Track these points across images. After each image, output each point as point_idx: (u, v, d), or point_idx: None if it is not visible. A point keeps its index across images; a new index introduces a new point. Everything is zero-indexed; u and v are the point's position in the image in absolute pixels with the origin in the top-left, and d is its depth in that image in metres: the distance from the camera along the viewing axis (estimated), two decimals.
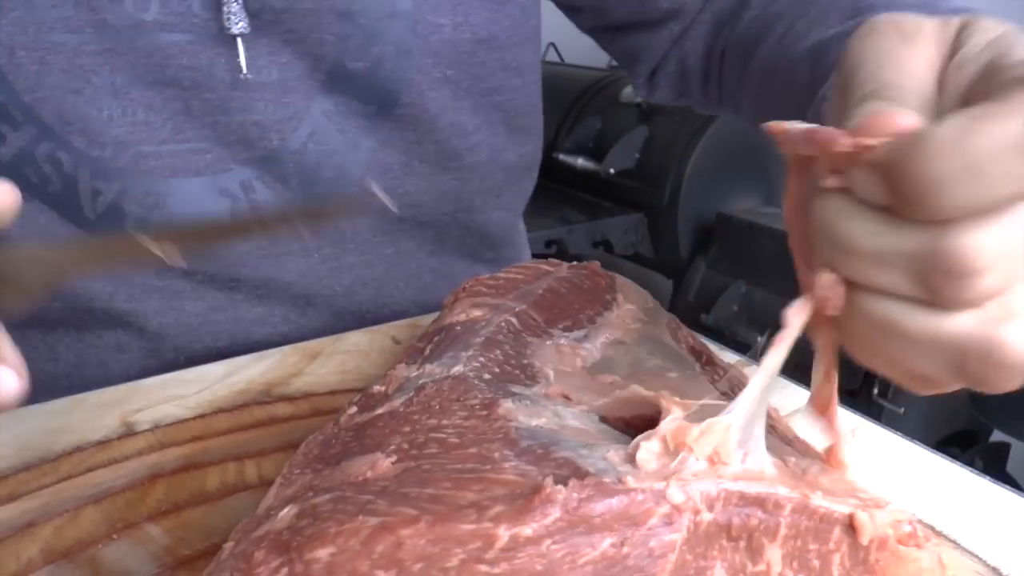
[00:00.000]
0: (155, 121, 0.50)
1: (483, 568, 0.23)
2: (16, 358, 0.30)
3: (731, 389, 0.39)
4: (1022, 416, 1.25)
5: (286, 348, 0.52)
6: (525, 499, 0.24)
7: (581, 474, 0.25)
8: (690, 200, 1.75)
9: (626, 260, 2.01)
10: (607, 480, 0.25)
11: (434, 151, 0.57)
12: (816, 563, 0.28)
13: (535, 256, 1.98)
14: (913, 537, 0.29)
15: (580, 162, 1.88)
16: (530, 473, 0.26)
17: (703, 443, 0.27)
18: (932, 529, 0.36)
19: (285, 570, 0.24)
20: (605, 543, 0.24)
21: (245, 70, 0.50)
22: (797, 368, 0.53)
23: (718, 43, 0.61)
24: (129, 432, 0.43)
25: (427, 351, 0.39)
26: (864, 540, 0.28)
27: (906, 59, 0.27)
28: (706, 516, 0.26)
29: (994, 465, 1.58)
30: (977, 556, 0.34)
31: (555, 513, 0.24)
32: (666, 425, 0.27)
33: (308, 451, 0.33)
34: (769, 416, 0.38)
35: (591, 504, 0.24)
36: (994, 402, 1.29)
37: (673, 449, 0.27)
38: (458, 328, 0.39)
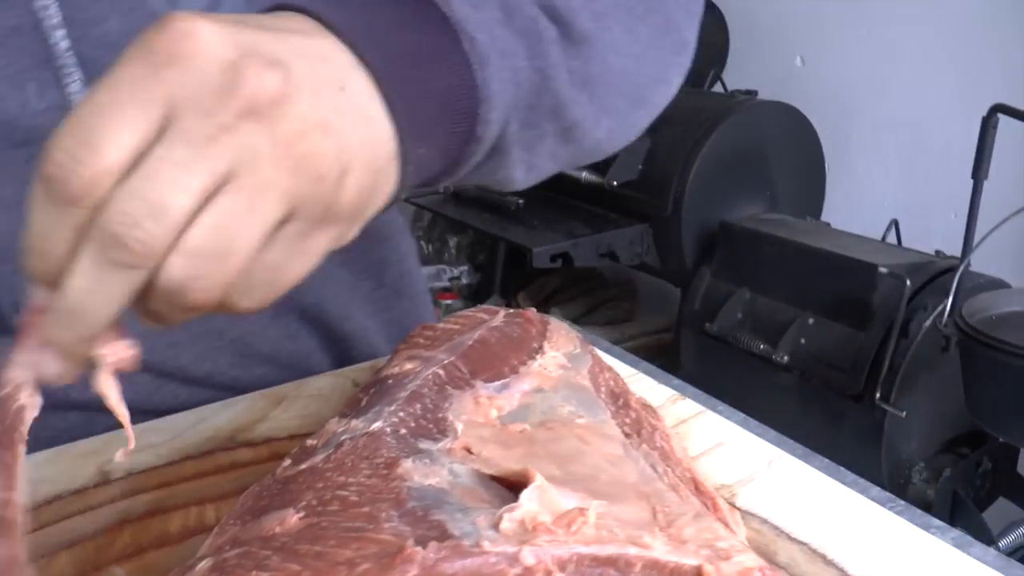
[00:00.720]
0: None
1: None
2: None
3: (636, 431, 0.42)
4: (1017, 420, 1.26)
5: (254, 394, 0.56)
6: (389, 558, 0.28)
7: (445, 536, 0.29)
8: (693, 209, 1.77)
9: (634, 270, 2.04)
10: (466, 543, 0.28)
11: None
12: None
13: (540, 272, 1.99)
14: None
15: (584, 175, 1.91)
16: (404, 533, 0.30)
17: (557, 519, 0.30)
18: (823, 558, 0.39)
19: None
20: None
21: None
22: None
23: None
24: (104, 480, 0.47)
25: (363, 402, 0.42)
26: None
27: None
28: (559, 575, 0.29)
29: (1004, 466, 1.59)
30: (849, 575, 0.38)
31: (413, 571, 0.27)
32: (525, 497, 0.31)
33: (244, 502, 0.37)
34: (669, 457, 0.41)
35: (446, 563, 0.28)
36: (989, 407, 1.30)
37: (530, 521, 0.30)
38: (390, 381, 0.43)
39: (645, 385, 0.57)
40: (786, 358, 1.57)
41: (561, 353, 0.46)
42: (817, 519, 0.42)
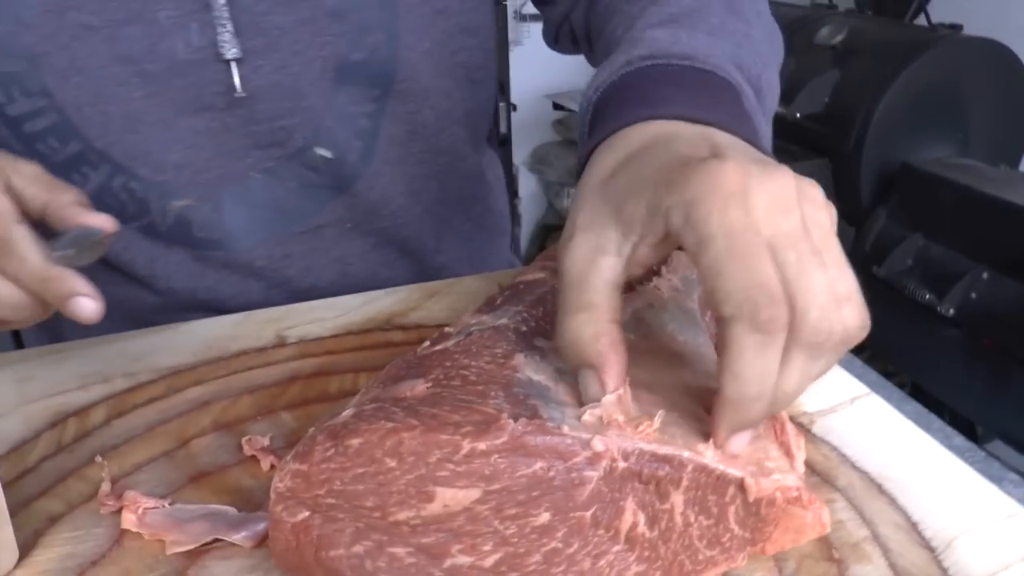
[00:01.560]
0: (201, 142, 0.62)
1: (450, 465, 0.35)
2: (89, 287, 0.44)
3: None
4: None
5: (413, 286, 0.65)
6: (486, 425, 0.35)
7: (535, 416, 0.36)
8: (876, 147, 1.72)
9: None
10: (549, 424, 0.35)
11: (431, 116, 0.68)
12: (715, 509, 0.37)
13: None
14: (799, 501, 0.37)
15: None
16: (503, 409, 0.37)
17: (628, 420, 0.37)
18: (879, 487, 0.43)
19: (332, 450, 0.36)
20: (536, 465, 0.35)
21: (239, 89, 0.60)
22: None
23: (590, 20, 0.67)
24: (281, 343, 0.58)
25: (497, 301, 0.49)
26: (750, 499, 0.36)
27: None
28: (621, 464, 0.35)
29: None
30: (899, 506, 0.41)
31: (503, 438, 0.35)
32: (606, 398, 0.37)
33: (388, 371, 0.45)
34: None
35: (530, 436, 0.35)
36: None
37: (606, 417, 0.37)
38: (521, 286, 0.49)
39: None
40: (952, 311, 1.53)
41: (677, 277, 0.51)
42: (884, 454, 0.45)
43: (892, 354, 1.85)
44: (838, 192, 1.84)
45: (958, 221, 1.57)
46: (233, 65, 0.60)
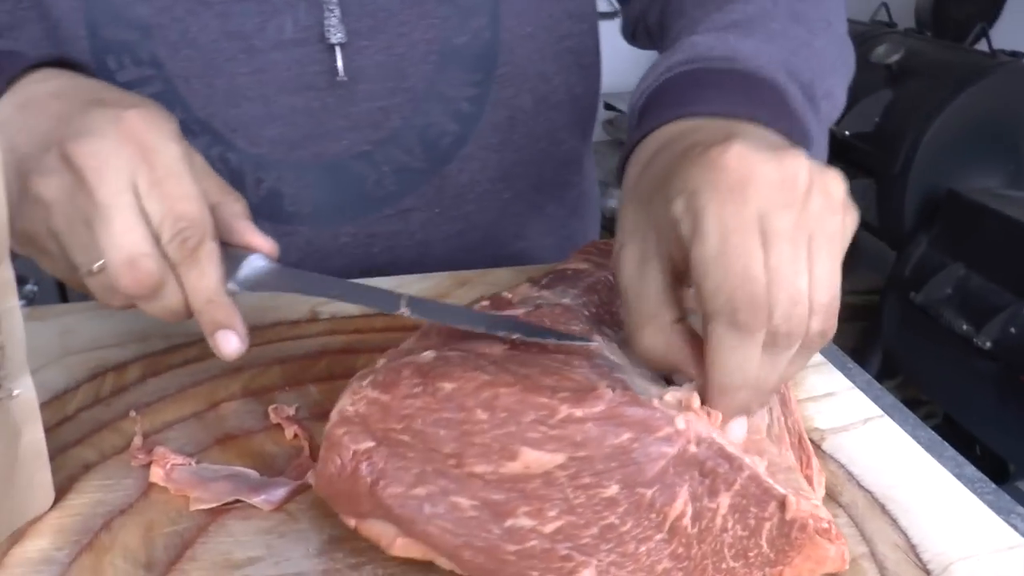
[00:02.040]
0: (298, 119, 0.64)
1: (543, 428, 0.35)
2: (242, 325, 0.45)
3: None
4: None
5: (445, 273, 0.66)
6: (584, 392, 0.36)
7: (626, 389, 0.37)
8: (923, 172, 1.70)
9: None
10: (642, 397, 0.36)
11: (529, 100, 0.69)
12: (752, 522, 0.37)
13: None
14: (827, 533, 0.37)
15: None
16: (593, 379, 0.38)
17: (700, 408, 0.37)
18: (881, 507, 0.44)
19: (420, 388, 0.37)
20: (625, 436, 0.35)
21: (342, 73, 0.62)
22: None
23: (663, 20, 0.68)
24: (313, 318, 0.59)
25: (543, 282, 0.50)
26: (788, 516, 0.37)
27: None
28: (692, 448, 0.36)
29: None
30: (900, 527, 0.42)
31: (600, 406, 0.36)
32: (685, 387, 0.38)
33: (440, 328, 0.45)
34: (786, 405, 0.46)
35: (625, 407, 0.36)
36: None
37: (684, 402, 0.37)
38: (568, 272, 0.50)
39: None
40: (989, 344, 1.51)
41: None
42: (891, 475, 0.46)
43: (924, 382, 1.83)
44: (881, 214, 1.83)
45: (1002, 253, 1.55)
46: (337, 49, 0.62)
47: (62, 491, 0.44)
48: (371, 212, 0.68)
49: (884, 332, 1.81)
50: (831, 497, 0.45)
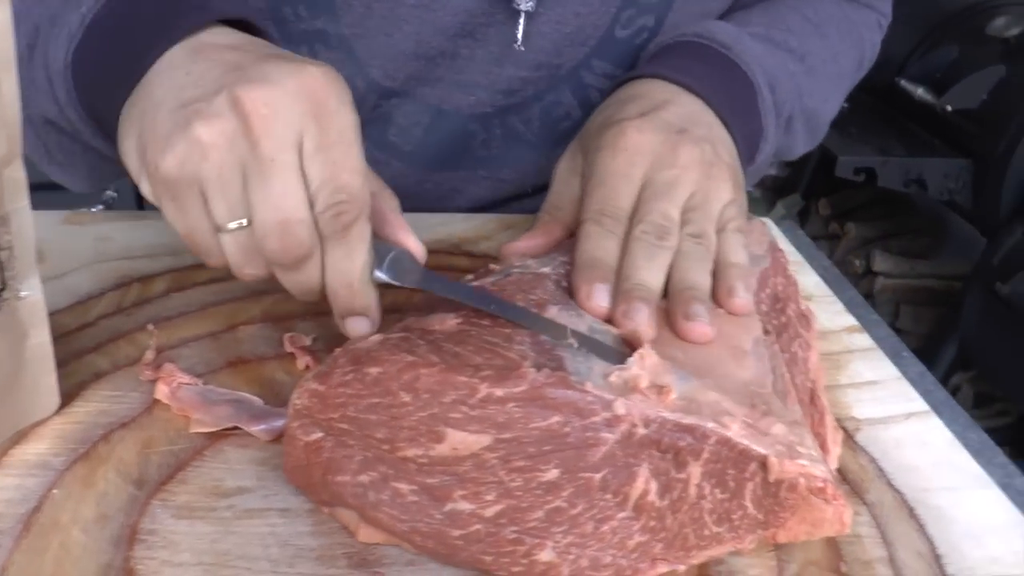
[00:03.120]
0: (442, 63, 0.61)
1: (464, 408, 0.34)
2: (377, 311, 0.43)
3: (779, 333, 0.44)
4: None
5: (491, 215, 0.64)
6: (507, 371, 0.34)
7: (559, 368, 0.35)
8: None
9: (945, 206, 1.89)
10: (573, 379, 0.34)
11: None
12: (732, 484, 0.35)
13: (849, 183, 1.84)
14: (823, 492, 0.35)
15: (920, 92, 1.76)
16: (527, 356, 0.36)
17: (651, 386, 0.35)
18: (910, 510, 0.40)
19: (351, 375, 0.36)
20: (552, 419, 0.34)
21: (520, 42, 0.59)
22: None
23: None
24: None
25: (554, 249, 0.49)
26: (771, 478, 0.35)
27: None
28: (641, 430, 0.34)
29: None
30: (927, 534, 0.39)
31: (523, 386, 0.34)
32: (632, 361, 0.36)
33: (427, 299, 0.45)
34: (796, 364, 0.44)
35: (550, 388, 0.34)
36: None
37: (632, 381, 0.35)
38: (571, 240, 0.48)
39: (836, 310, 0.57)
40: None
41: None
42: (926, 478, 0.43)
43: (1000, 378, 1.75)
44: (976, 197, 1.73)
45: None
46: (522, 16, 0.59)
47: (70, 397, 0.44)
48: (467, 169, 0.67)
49: (963, 321, 1.73)
50: (856, 492, 0.42)
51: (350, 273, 0.41)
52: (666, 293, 0.44)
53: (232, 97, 0.38)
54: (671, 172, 0.47)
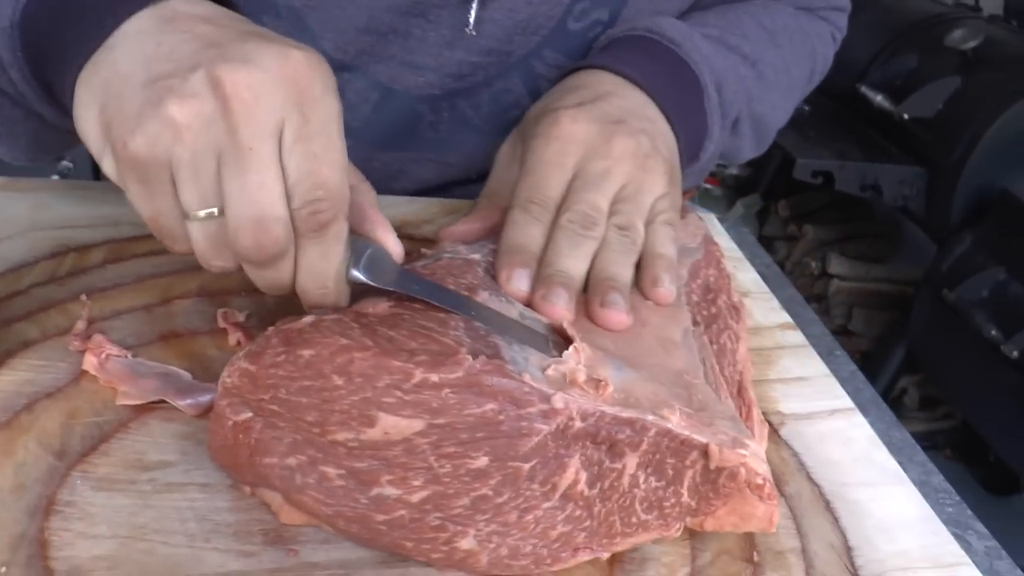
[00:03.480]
0: (393, 40, 0.61)
1: (398, 393, 0.34)
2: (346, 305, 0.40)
3: (707, 324, 0.45)
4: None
5: (435, 200, 0.64)
6: (443, 357, 0.34)
7: (496, 356, 0.35)
8: (979, 166, 1.63)
9: (901, 212, 1.92)
10: (510, 368, 0.34)
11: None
12: (671, 472, 0.36)
13: (809, 185, 1.86)
14: (759, 489, 0.35)
15: (879, 99, 1.79)
16: (463, 343, 0.36)
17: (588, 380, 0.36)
18: (826, 503, 0.41)
19: (283, 356, 0.36)
20: (488, 406, 0.34)
21: (471, 26, 0.59)
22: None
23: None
24: None
25: (485, 236, 0.49)
26: (712, 466, 0.35)
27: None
28: (578, 424, 0.35)
29: None
30: (840, 527, 0.40)
31: (459, 372, 0.34)
32: (568, 355, 0.36)
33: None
34: (724, 355, 0.44)
35: (486, 376, 0.34)
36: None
37: (570, 375, 0.36)
38: None
39: (772, 306, 0.58)
40: (1016, 354, 1.46)
41: None
42: (844, 473, 0.44)
43: (944, 383, 1.79)
44: (928, 206, 1.76)
45: None
46: (475, 2, 0.59)
47: None
48: (413, 150, 0.66)
49: (912, 326, 1.76)
50: (777, 483, 0.42)
51: (324, 274, 0.39)
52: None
53: (211, 77, 0.36)
54: (603, 163, 0.48)
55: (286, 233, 0.37)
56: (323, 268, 0.39)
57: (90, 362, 0.43)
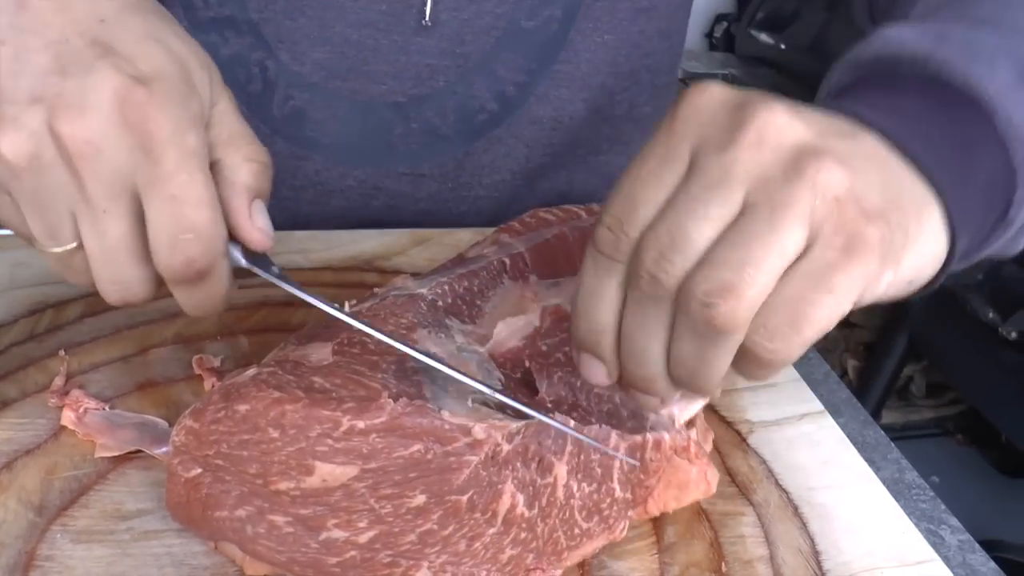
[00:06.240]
0: (349, 51, 0.62)
1: (330, 441, 0.35)
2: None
3: None
4: None
5: (406, 231, 0.65)
6: (367, 403, 0.35)
7: (417, 396, 0.36)
8: None
9: None
10: (430, 407, 0.35)
11: (582, 109, 0.66)
12: (599, 470, 0.37)
13: None
14: (685, 451, 0.36)
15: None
16: (388, 385, 0.37)
17: None
18: (794, 508, 0.42)
19: (223, 412, 0.37)
20: (414, 447, 0.35)
21: (428, 19, 0.60)
22: None
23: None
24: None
25: (447, 263, 0.49)
26: (630, 441, 0.37)
27: None
28: (505, 446, 0.36)
29: None
30: (808, 531, 0.41)
31: (382, 417, 0.35)
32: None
33: (309, 327, 0.45)
34: None
35: (407, 418, 0.35)
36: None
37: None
38: (470, 255, 0.49)
39: None
40: (1014, 335, 1.46)
41: None
42: (813, 477, 0.44)
43: (948, 369, 1.78)
44: None
45: None
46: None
47: None
48: (386, 164, 0.67)
49: (912, 314, 1.76)
50: (743, 493, 0.43)
51: (209, 309, 0.39)
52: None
53: (50, 124, 0.33)
54: None
55: (150, 291, 0.38)
56: (208, 305, 0.39)
57: (68, 417, 0.44)
